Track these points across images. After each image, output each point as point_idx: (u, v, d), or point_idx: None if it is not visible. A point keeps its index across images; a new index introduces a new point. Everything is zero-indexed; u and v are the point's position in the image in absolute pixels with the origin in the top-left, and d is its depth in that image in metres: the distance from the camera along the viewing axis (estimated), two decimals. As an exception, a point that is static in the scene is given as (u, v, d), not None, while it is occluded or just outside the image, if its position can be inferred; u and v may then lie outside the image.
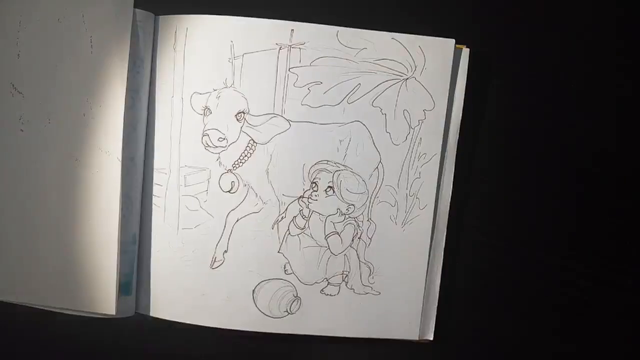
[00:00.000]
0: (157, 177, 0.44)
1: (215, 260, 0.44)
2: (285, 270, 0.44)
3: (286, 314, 0.44)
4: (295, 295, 0.44)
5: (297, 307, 0.44)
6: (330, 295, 0.44)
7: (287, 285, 0.44)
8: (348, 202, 0.44)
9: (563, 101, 0.45)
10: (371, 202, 0.44)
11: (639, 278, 0.45)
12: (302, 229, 0.44)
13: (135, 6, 0.42)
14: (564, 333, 0.45)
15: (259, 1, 0.45)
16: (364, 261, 0.44)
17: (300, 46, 0.43)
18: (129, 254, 0.44)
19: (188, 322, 0.44)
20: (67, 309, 0.43)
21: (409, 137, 0.44)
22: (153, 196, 0.44)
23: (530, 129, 0.45)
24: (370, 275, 0.44)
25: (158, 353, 0.43)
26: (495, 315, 0.46)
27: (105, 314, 0.43)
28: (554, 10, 0.45)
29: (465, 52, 0.44)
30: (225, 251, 0.44)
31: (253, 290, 0.44)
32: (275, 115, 0.43)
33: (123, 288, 0.43)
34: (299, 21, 0.43)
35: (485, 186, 0.45)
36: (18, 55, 0.43)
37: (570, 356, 0.46)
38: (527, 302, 0.45)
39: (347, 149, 0.44)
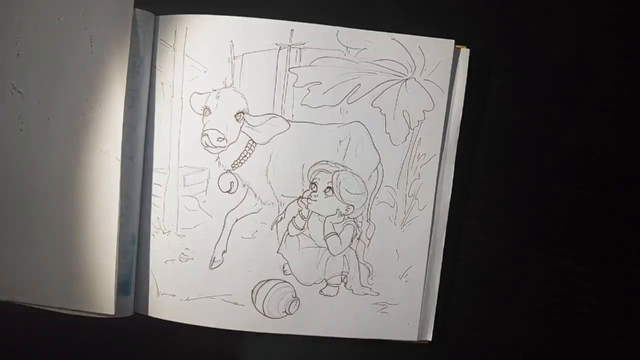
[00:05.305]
0: (156, 177, 0.44)
1: (214, 261, 0.44)
2: (284, 271, 0.44)
3: (285, 314, 0.44)
4: (294, 295, 0.44)
5: (296, 307, 0.44)
6: (329, 296, 0.44)
7: (286, 286, 0.44)
8: (347, 202, 0.44)
9: (563, 101, 0.45)
10: (370, 203, 0.44)
11: (639, 278, 0.45)
12: (301, 229, 0.44)
13: (135, 6, 0.42)
14: (563, 333, 0.45)
15: (259, 1, 0.45)
16: (363, 262, 0.44)
17: (300, 46, 0.43)
18: (128, 254, 0.44)
19: (187, 322, 0.44)
20: (67, 309, 0.43)
21: (409, 137, 0.44)
22: (152, 196, 0.44)
23: (529, 129, 0.45)
24: (369, 276, 0.44)
25: (157, 353, 0.43)
26: (494, 315, 0.46)
27: (104, 314, 0.43)
28: (554, 10, 0.45)
29: (465, 52, 0.43)
30: (225, 251, 0.44)
31: (252, 291, 0.44)
32: (275, 115, 0.43)
33: (122, 288, 0.43)
34: (298, 21, 0.43)
35: (484, 187, 0.45)
36: (18, 54, 0.43)
37: (571, 356, 0.45)
38: (527, 302, 0.45)
39: (347, 149, 0.44)
